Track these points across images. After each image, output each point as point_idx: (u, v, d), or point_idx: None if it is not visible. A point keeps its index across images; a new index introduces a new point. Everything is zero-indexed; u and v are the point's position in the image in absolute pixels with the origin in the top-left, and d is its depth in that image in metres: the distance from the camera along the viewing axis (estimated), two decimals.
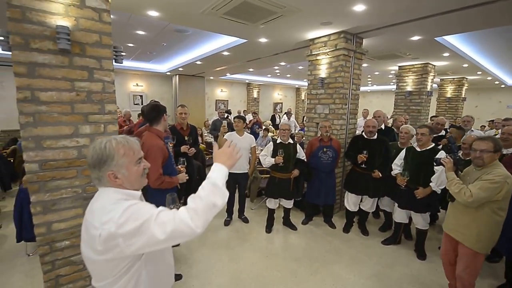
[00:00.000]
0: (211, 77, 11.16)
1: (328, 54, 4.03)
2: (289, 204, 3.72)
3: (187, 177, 2.61)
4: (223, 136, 3.78)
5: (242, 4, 3.03)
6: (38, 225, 1.86)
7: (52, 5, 1.74)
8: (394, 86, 7.14)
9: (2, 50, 1.74)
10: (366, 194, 3.54)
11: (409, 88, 6.54)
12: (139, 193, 1.09)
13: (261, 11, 3.24)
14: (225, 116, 4.78)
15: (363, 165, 3.42)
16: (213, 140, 6.77)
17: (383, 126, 4.21)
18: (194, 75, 10.00)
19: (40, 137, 1.78)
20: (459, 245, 2.19)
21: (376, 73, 9.11)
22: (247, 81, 12.64)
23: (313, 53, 4.25)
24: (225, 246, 3.34)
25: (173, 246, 1.71)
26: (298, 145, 3.63)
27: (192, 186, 3.77)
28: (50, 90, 1.78)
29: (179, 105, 3.60)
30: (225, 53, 5.89)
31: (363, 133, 3.56)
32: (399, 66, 6.70)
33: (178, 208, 0.98)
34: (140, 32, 4.97)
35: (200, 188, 0.99)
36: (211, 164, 1.11)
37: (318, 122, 4.30)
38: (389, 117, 5.68)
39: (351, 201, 3.67)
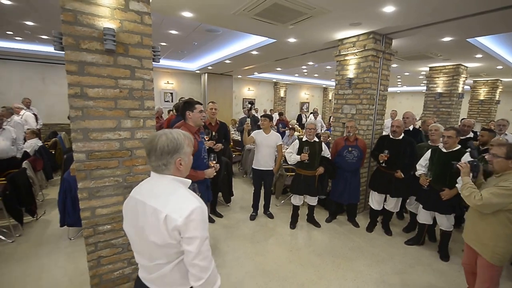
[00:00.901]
0: (239, 76, 11.32)
1: (356, 55, 4.02)
2: (313, 201, 3.78)
3: (215, 173, 2.69)
4: (248, 133, 3.86)
5: (273, 5, 3.09)
6: (84, 210, 2.04)
7: (100, 9, 1.88)
8: (424, 87, 6.92)
9: (55, 49, 1.93)
10: (387, 193, 3.57)
11: (439, 90, 6.32)
12: (189, 181, 1.19)
13: (290, 12, 3.29)
14: (249, 107, 4.86)
15: (384, 164, 3.45)
16: (240, 137, 6.90)
17: (411, 128, 4.15)
18: (222, 74, 10.21)
19: (87, 129, 1.95)
20: (478, 256, 2.12)
21: (406, 73, 8.86)
22: (274, 80, 12.69)
23: (341, 53, 4.26)
24: (250, 239, 3.44)
25: None
26: (323, 143, 3.67)
27: (218, 181, 3.91)
28: (97, 87, 1.94)
29: (209, 101, 3.72)
30: (254, 52, 5.97)
31: (389, 133, 3.58)
32: (430, 67, 6.49)
33: None
34: (173, 32, 5.17)
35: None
36: (238, 161, 1.21)
37: (344, 122, 4.28)
38: (417, 118, 5.51)
39: (374, 200, 3.70)
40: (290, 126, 7.48)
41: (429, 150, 3.12)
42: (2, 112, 4.29)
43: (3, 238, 3.25)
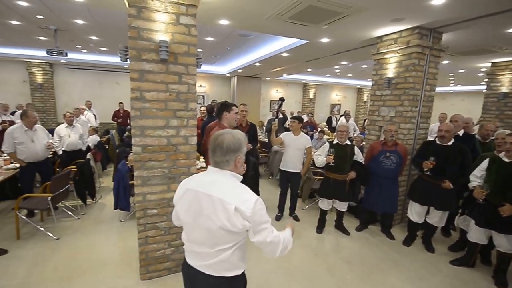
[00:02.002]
0: (268, 78, 11.52)
1: (398, 52, 3.76)
2: (343, 207, 3.66)
3: (244, 172, 2.92)
4: (275, 133, 3.95)
5: (307, 8, 3.13)
6: (138, 194, 2.42)
7: (157, 25, 2.24)
8: (484, 87, 6.08)
9: (121, 60, 2.33)
10: (431, 205, 3.25)
11: (504, 89, 5.44)
12: (241, 177, 1.33)
13: (325, 13, 3.28)
14: (279, 104, 4.90)
15: (428, 172, 3.17)
16: (266, 139, 7.10)
17: (461, 133, 3.65)
18: (251, 76, 10.51)
19: (144, 127, 2.31)
20: None
21: (461, 71, 7.95)
22: (303, 81, 12.54)
23: (380, 52, 4.04)
24: None
25: None
26: (355, 147, 3.57)
27: (246, 179, 4.14)
28: (152, 91, 2.29)
29: (241, 103, 3.97)
30: (285, 54, 6.04)
31: (436, 139, 3.26)
32: (492, 63, 5.66)
33: None
34: (209, 39, 5.58)
35: (284, 234, 1.36)
36: (264, 162, 1.37)
37: (381, 126, 4.10)
38: (475, 122, 4.79)
39: (414, 211, 3.39)
40: (319, 129, 7.45)
41: (486, 160, 2.79)
42: (74, 112, 5.05)
43: (72, 215, 3.92)
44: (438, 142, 3.20)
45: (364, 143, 4.99)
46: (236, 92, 10.66)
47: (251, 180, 4.43)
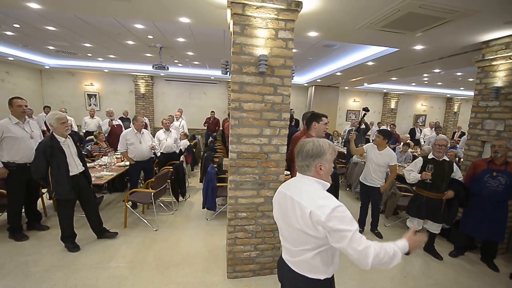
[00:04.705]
0: (346, 87, 11.04)
1: (510, 58, 3.27)
2: (436, 228, 3.30)
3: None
4: (354, 142, 3.84)
5: (405, 15, 2.94)
6: (230, 197, 2.59)
7: (257, 40, 2.39)
8: None
9: (222, 74, 2.57)
10: None
11: None
12: (329, 184, 1.36)
13: (425, 19, 3.04)
14: (363, 115, 4.63)
15: None
16: (345, 150, 6.75)
17: None
18: (329, 86, 10.24)
19: (240, 135, 2.48)
20: None
21: None
22: (384, 90, 11.66)
23: (486, 58, 3.56)
24: None
25: None
26: (454, 164, 3.18)
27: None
28: (249, 101, 2.45)
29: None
30: (370, 63, 5.75)
31: None
32: None
33: None
34: (294, 50, 5.66)
35: (389, 246, 1.20)
36: (342, 174, 1.26)
37: (485, 141, 3.57)
38: None
39: None
40: (402, 142, 6.68)
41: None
42: (169, 119, 5.86)
43: (166, 210, 4.48)
44: None
45: (458, 158, 4.29)
46: (312, 102, 10.55)
47: (331, 191, 4.27)
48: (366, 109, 4.44)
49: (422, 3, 2.61)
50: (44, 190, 3.94)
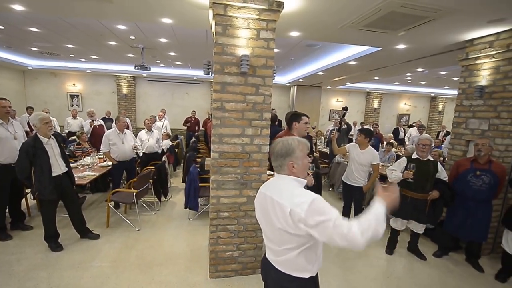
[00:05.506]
0: (328, 87, 11.24)
1: (494, 57, 3.32)
2: (420, 228, 3.33)
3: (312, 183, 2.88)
4: (336, 142, 3.86)
5: (387, 14, 2.95)
6: (212, 197, 2.59)
7: (239, 40, 2.40)
8: None
9: (204, 74, 2.57)
10: None
11: None
12: (305, 181, 1.38)
13: (408, 18, 3.07)
14: (342, 114, 4.74)
15: None
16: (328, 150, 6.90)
17: None
18: (311, 85, 10.38)
19: (222, 135, 2.49)
20: None
21: None
22: (367, 89, 11.87)
23: (470, 57, 3.61)
24: (337, 254, 3.37)
25: None
26: (439, 163, 3.21)
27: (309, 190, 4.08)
28: (231, 101, 2.46)
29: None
30: (352, 62, 5.84)
31: None
32: None
33: None
34: (275, 50, 5.71)
35: (369, 214, 1.18)
36: (325, 173, 1.28)
37: (469, 140, 3.62)
38: None
39: None
40: (386, 142, 6.90)
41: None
42: (151, 119, 5.75)
43: (149, 210, 4.41)
44: None
45: (442, 158, 4.41)
46: (295, 101, 10.67)
47: (314, 190, 4.35)
48: (345, 109, 4.53)
49: (404, 2, 2.62)
50: (28, 190, 3.87)
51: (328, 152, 6.65)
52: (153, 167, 4.52)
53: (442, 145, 7.08)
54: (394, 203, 1.26)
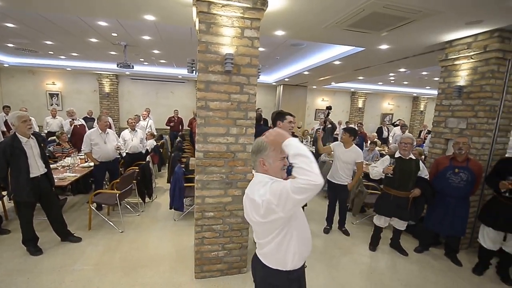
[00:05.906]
0: (314, 87, 11.37)
1: (472, 58, 3.43)
2: (402, 225, 3.43)
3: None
4: (321, 140, 3.91)
5: (370, 15, 3.02)
6: (197, 197, 2.56)
7: (223, 39, 2.38)
8: None
9: (188, 72, 2.54)
10: (509, 232, 2.87)
11: None
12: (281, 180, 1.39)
13: (390, 19, 3.14)
14: (326, 113, 4.82)
15: (508, 194, 2.81)
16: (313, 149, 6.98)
17: None
18: (297, 85, 10.47)
19: (207, 134, 2.46)
20: None
21: None
22: (352, 89, 12.11)
23: (449, 58, 3.72)
24: (323, 252, 3.41)
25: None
26: (421, 162, 3.30)
27: None
28: (216, 100, 2.44)
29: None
30: (337, 62, 5.91)
31: None
32: None
33: None
34: (260, 49, 5.73)
35: (297, 161, 1.18)
36: None
37: (448, 138, 3.75)
38: None
39: (488, 237, 3.00)
40: (369, 140, 7.06)
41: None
42: (135, 118, 5.63)
43: (133, 211, 4.31)
44: None
45: (425, 156, 4.55)
46: (281, 101, 10.72)
47: None
48: (329, 108, 4.61)
49: (386, 3, 2.68)
50: (4, 193, 3.74)
51: (314, 151, 6.73)
52: (137, 167, 4.41)
53: (424, 144, 7.30)
54: (279, 133, 1.30)
